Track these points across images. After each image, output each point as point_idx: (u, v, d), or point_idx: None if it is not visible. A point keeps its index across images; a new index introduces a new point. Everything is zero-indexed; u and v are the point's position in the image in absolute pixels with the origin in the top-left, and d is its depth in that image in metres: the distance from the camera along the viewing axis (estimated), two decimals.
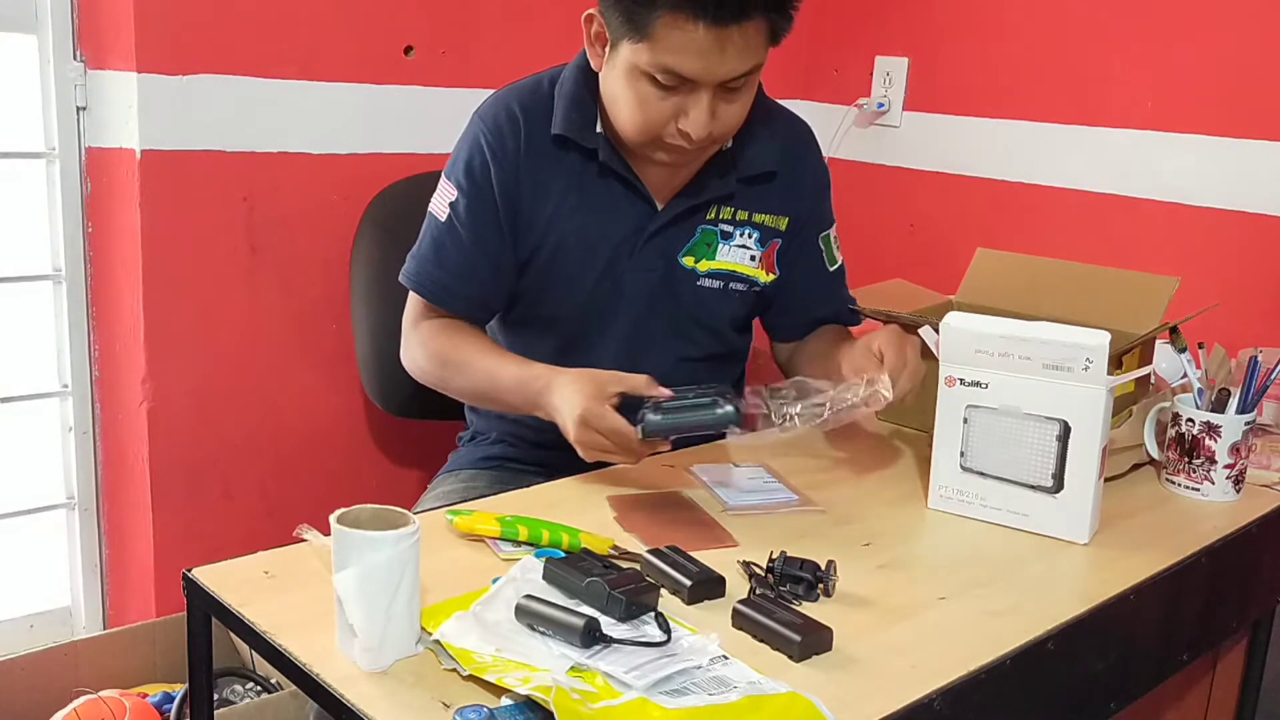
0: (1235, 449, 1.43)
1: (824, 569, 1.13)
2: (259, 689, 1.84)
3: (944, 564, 1.26)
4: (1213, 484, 1.44)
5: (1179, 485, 1.47)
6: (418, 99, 2.10)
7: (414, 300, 1.56)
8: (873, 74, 2.58)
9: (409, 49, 2.09)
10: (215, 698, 1.59)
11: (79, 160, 1.91)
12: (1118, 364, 1.47)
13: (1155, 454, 1.50)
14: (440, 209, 1.52)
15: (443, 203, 1.52)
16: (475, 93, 1.62)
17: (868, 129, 2.61)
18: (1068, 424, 1.28)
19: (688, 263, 1.54)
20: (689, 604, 1.10)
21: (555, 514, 1.25)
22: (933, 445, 1.37)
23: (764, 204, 1.56)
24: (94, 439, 2.02)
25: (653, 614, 1.03)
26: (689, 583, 1.11)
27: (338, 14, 2.00)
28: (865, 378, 1.31)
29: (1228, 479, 1.44)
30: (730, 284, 1.56)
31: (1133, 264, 1.83)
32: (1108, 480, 1.33)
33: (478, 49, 2.15)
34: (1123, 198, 2.22)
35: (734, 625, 1.06)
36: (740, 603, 1.07)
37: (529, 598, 1.02)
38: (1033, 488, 1.31)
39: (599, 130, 1.47)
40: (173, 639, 1.90)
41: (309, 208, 2.04)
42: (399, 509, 0.99)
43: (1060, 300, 1.58)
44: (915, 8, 2.51)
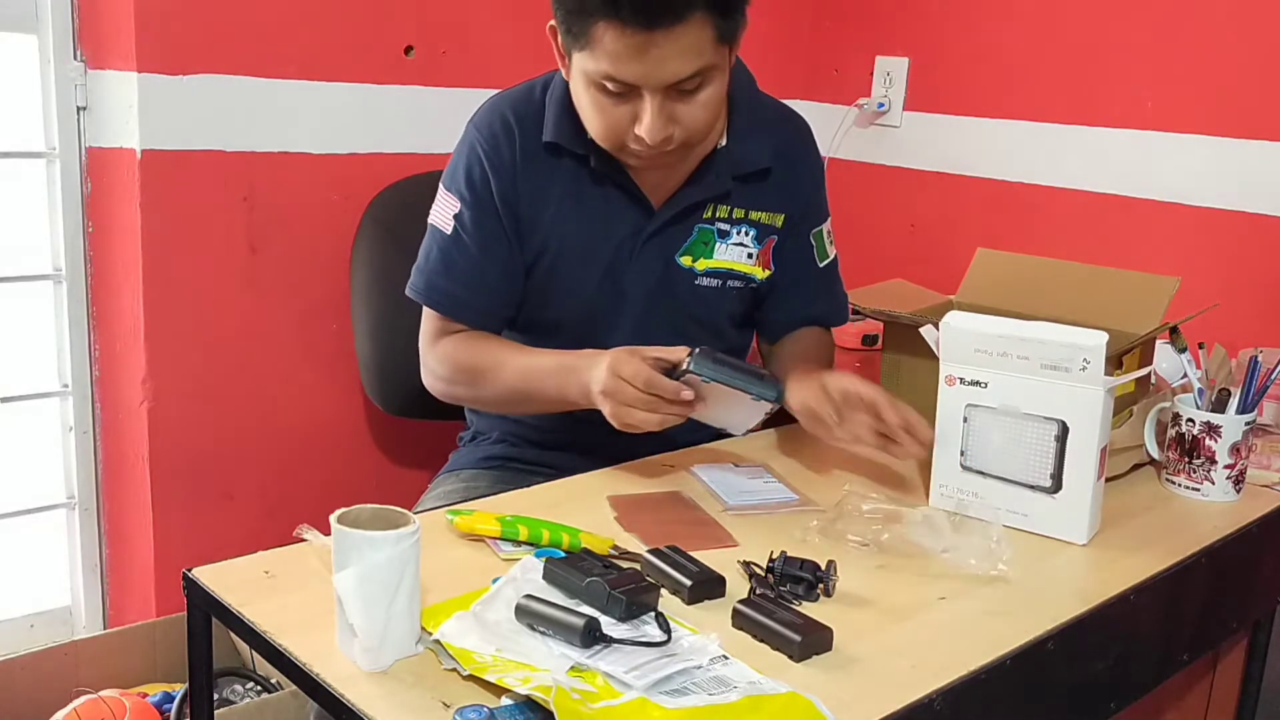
0: (1235, 449, 1.43)
1: (824, 569, 1.13)
2: (259, 689, 1.84)
3: (944, 564, 1.26)
4: (1213, 484, 1.44)
5: (1179, 485, 1.47)
6: (418, 99, 2.10)
7: (429, 317, 1.54)
8: (873, 74, 2.58)
9: (409, 49, 2.09)
10: (215, 697, 1.59)
11: (79, 160, 1.91)
12: (1118, 364, 1.47)
13: (1155, 454, 1.49)
14: (443, 221, 1.51)
15: (445, 214, 1.51)
16: (475, 92, 1.63)
17: (868, 129, 2.61)
18: (1066, 424, 1.27)
19: (685, 262, 1.54)
20: (689, 604, 1.10)
21: (555, 514, 1.25)
22: (933, 444, 1.37)
23: (760, 201, 1.55)
24: (94, 439, 2.02)
25: (653, 614, 1.03)
26: (689, 583, 1.11)
27: (338, 14, 2.00)
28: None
29: (1228, 479, 1.44)
30: (728, 282, 1.56)
31: (1133, 264, 1.84)
32: (1108, 480, 1.33)
33: (478, 49, 2.15)
34: (1123, 198, 2.22)
35: (734, 625, 1.06)
36: (740, 603, 1.07)
37: (529, 598, 1.02)
38: (1032, 488, 1.31)
39: (590, 136, 1.45)
40: (173, 639, 1.90)
41: (309, 207, 2.04)
42: (399, 509, 0.99)
43: (1060, 300, 1.58)
44: (915, 8, 2.51)
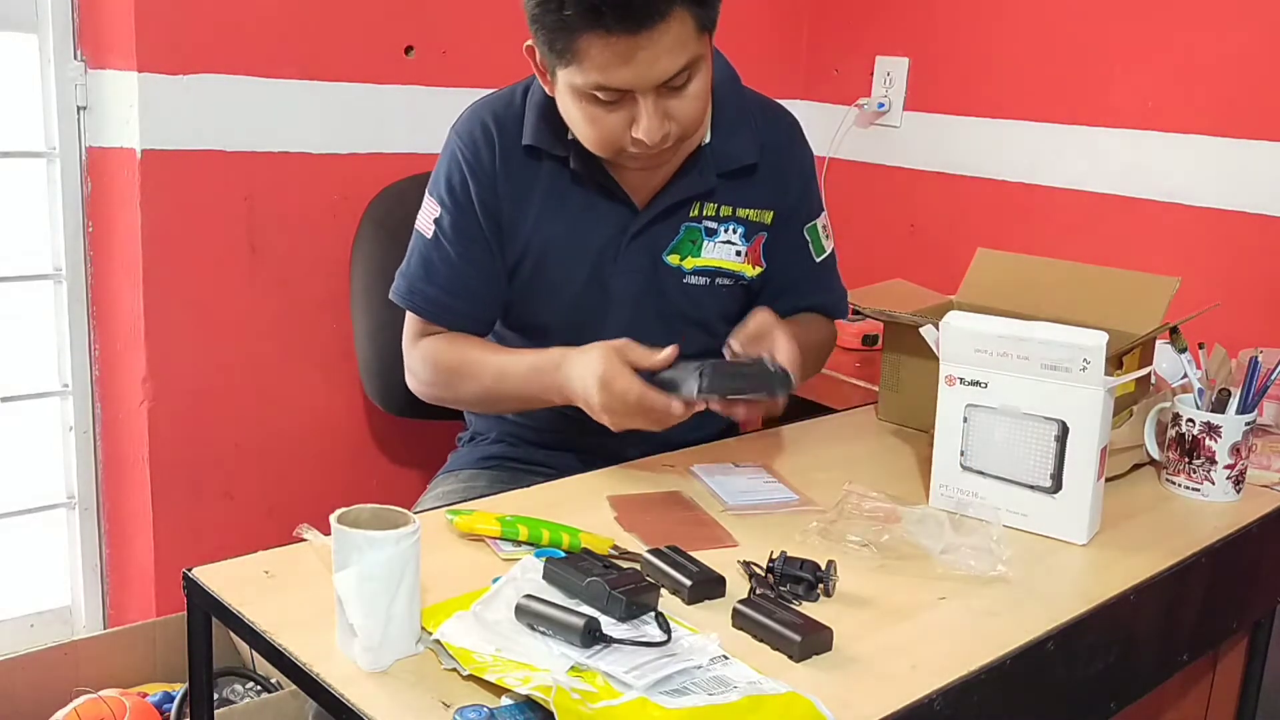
0: (1235, 449, 1.43)
1: (824, 569, 1.13)
2: (259, 689, 1.84)
3: (944, 564, 1.26)
4: (1213, 484, 1.44)
5: (1179, 485, 1.47)
6: (418, 99, 2.10)
7: (410, 319, 1.56)
8: (873, 74, 2.58)
9: (409, 49, 2.09)
10: (215, 697, 1.59)
11: (79, 160, 1.91)
12: (1118, 364, 1.46)
13: (1155, 454, 1.49)
14: (426, 226, 1.53)
15: (428, 220, 1.53)
16: (475, 92, 1.62)
17: (868, 129, 2.61)
18: (1066, 424, 1.28)
19: (673, 261, 1.53)
20: (689, 604, 1.10)
21: (555, 514, 1.25)
22: (933, 444, 1.37)
23: (747, 198, 1.55)
24: (94, 438, 2.02)
25: (653, 614, 1.03)
26: (689, 583, 1.11)
27: (338, 14, 2.00)
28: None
29: (1228, 479, 1.44)
30: (717, 280, 1.56)
31: (1133, 264, 1.83)
32: (1108, 480, 1.33)
33: (478, 49, 2.15)
34: (1123, 198, 2.22)
35: (734, 625, 1.06)
36: (740, 603, 1.07)
37: (529, 597, 1.02)
38: (1032, 488, 1.31)
39: (570, 138, 1.45)
40: (173, 638, 1.90)
41: (309, 207, 2.04)
42: (399, 509, 0.99)
43: (1060, 300, 1.57)
44: (915, 8, 2.51)
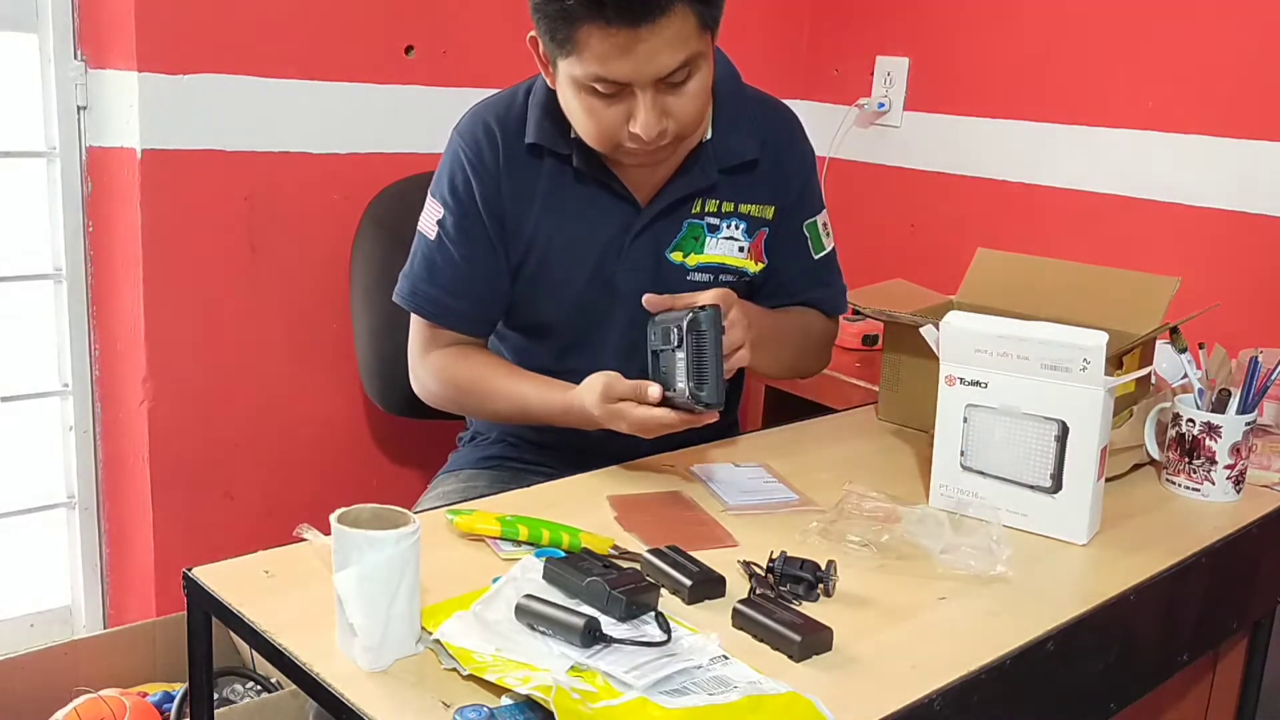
0: (1235, 449, 1.43)
1: (824, 569, 1.13)
2: (259, 688, 1.83)
3: (944, 564, 1.26)
4: (1213, 484, 1.44)
5: (1179, 485, 1.47)
6: (418, 99, 2.10)
7: (417, 324, 1.56)
8: (873, 74, 2.58)
9: (409, 49, 2.09)
10: (215, 697, 1.59)
11: (79, 159, 1.91)
12: (1118, 364, 1.46)
13: (1155, 454, 1.49)
14: (429, 227, 1.53)
15: (430, 221, 1.53)
16: (475, 92, 1.63)
17: (868, 129, 2.61)
18: (1066, 424, 1.28)
19: (676, 258, 1.54)
20: (689, 604, 1.10)
21: (555, 514, 1.25)
22: (933, 444, 1.37)
23: (749, 194, 1.55)
24: (94, 438, 2.02)
25: (653, 614, 1.03)
26: (689, 583, 1.11)
27: (338, 14, 2.00)
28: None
29: (1228, 479, 1.44)
30: (720, 276, 1.56)
31: (1133, 264, 1.83)
32: (1108, 480, 1.33)
33: (478, 49, 2.15)
34: (1123, 198, 2.22)
35: (734, 625, 1.06)
36: (740, 603, 1.07)
37: (529, 597, 1.02)
38: (1032, 488, 1.31)
39: (573, 136, 1.45)
40: (173, 638, 1.90)
41: (309, 207, 2.04)
42: (399, 509, 0.99)
43: (1060, 300, 1.57)
44: (916, 8, 2.51)
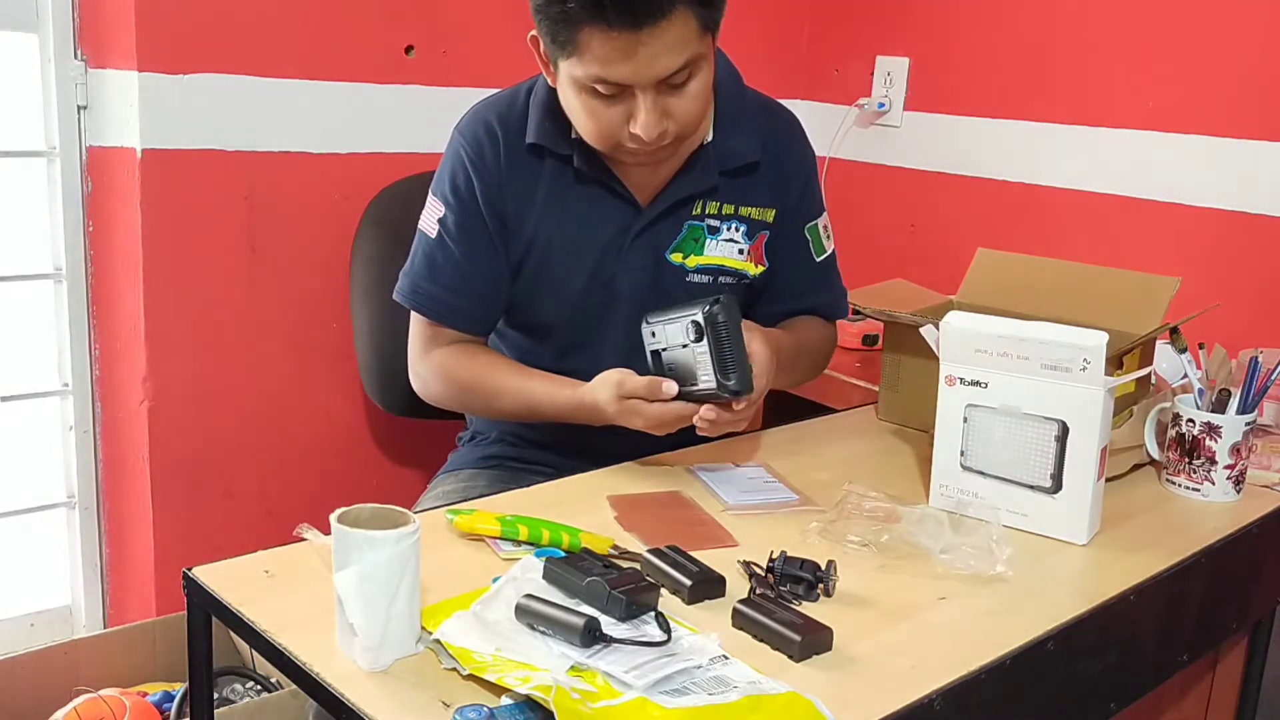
0: (1236, 449, 1.43)
1: (824, 569, 1.13)
2: (259, 688, 1.83)
3: (944, 564, 1.26)
4: (1213, 484, 1.44)
5: (1179, 486, 1.47)
6: (418, 99, 2.10)
7: (418, 322, 1.56)
8: (874, 74, 2.58)
9: (409, 49, 2.09)
10: (215, 697, 1.59)
11: (80, 159, 1.91)
12: (1118, 364, 1.46)
13: (1155, 454, 1.49)
14: (429, 226, 1.53)
15: (431, 219, 1.53)
16: (475, 92, 1.63)
17: (868, 129, 2.61)
18: (1066, 424, 1.28)
19: (675, 259, 1.54)
20: (689, 604, 1.10)
21: (555, 514, 1.25)
22: (933, 444, 1.37)
23: (750, 196, 1.55)
24: (94, 438, 2.02)
25: (653, 614, 1.03)
26: (689, 583, 1.11)
27: (338, 14, 2.00)
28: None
29: (1228, 479, 1.44)
30: (720, 278, 1.56)
31: (1133, 264, 1.84)
32: (1108, 480, 1.33)
33: (478, 49, 2.15)
34: (1123, 198, 2.22)
35: (734, 625, 1.06)
36: (740, 603, 1.07)
37: (529, 597, 1.02)
38: (1032, 488, 1.31)
39: (574, 136, 1.46)
40: (173, 638, 1.90)
41: (309, 207, 2.04)
42: (399, 508, 0.99)
43: (1060, 300, 1.57)
44: (916, 7, 2.51)
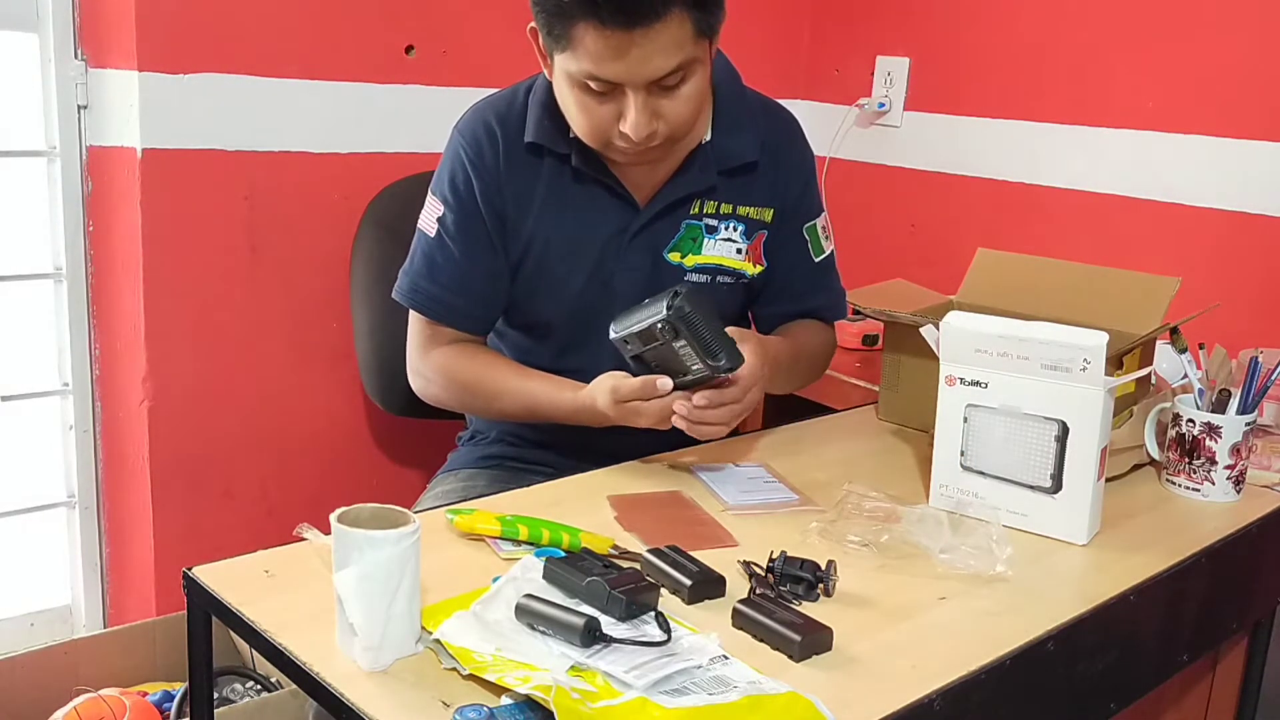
0: (1236, 450, 1.43)
1: (824, 569, 1.13)
2: (259, 688, 1.83)
3: (944, 564, 1.26)
4: (1213, 485, 1.44)
5: (1179, 486, 1.47)
6: (418, 99, 2.10)
7: (416, 321, 1.56)
8: (874, 74, 2.58)
9: (409, 49, 2.09)
10: (215, 696, 1.59)
11: (80, 159, 1.91)
12: (1118, 364, 1.46)
13: (1156, 454, 1.49)
14: (429, 225, 1.53)
15: (430, 219, 1.53)
16: (475, 92, 1.63)
17: (868, 129, 2.61)
18: (1066, 424, 1.28)
19: (674, 258, 1.54)
20: (689, 604, 1.10)
21: (555, 514, 1.25)
22: (933, 444, 1.37)
23: (748, 196, 1.56)
24: (94, 437, 2.02)
25: (653, 614, 1.03)
26: (689, 583, 1.11)
27: (338, 14, 2.00)
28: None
29: (1228, 480, 1.44)
30: (718, 278, 1.56)
31: (1133, 264, 1.83)
32: (1108, 480, 1.33)
33: (478, 49, 2.15)
34: (1123, 198, 2.22)
35: (734, 625, 1.06)
36: (740, 602, 1.07)
37: (529, 597, 1.02)
38: (1032, 488, 1.31)
39: (573, 135, 1.46)
40: (173, 638, 1.90)
41: (309, 207, 2.04)
42: (399, 508, 0.99)
43: (1060, 300, 1.57)
44: (916, 7, 2.51)
